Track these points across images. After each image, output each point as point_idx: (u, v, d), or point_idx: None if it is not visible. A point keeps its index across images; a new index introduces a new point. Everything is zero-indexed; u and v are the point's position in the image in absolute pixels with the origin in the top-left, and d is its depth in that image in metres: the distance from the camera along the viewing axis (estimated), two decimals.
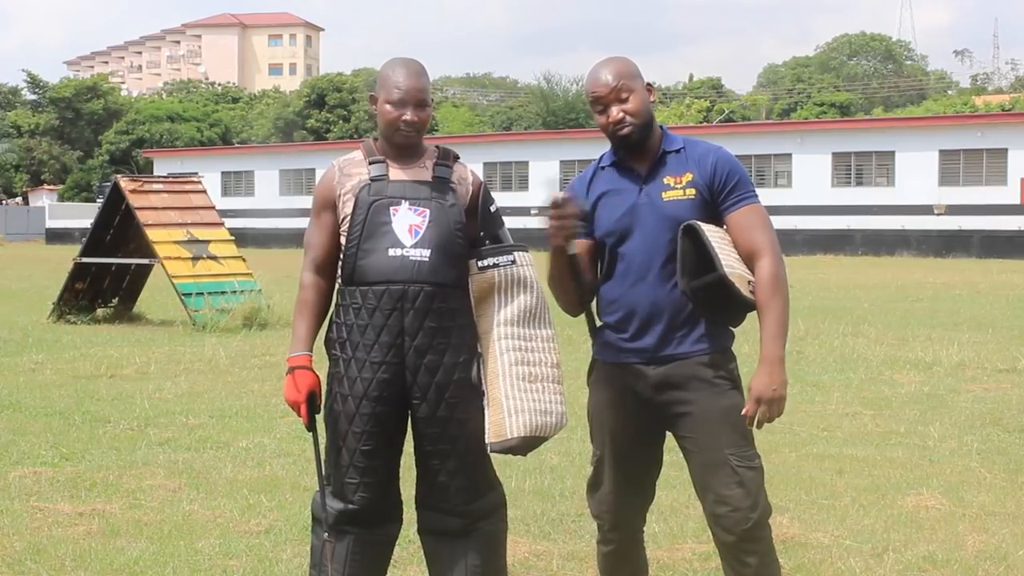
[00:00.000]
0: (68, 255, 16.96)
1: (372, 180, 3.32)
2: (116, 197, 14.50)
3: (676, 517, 5.05)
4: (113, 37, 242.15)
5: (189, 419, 7.55)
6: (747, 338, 3.58)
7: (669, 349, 3.23)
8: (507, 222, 3.48)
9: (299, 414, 3.35)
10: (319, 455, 3.41)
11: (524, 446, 3.25)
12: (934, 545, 4.70)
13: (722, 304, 3.18)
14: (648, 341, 3.24)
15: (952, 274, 24.73)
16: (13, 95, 75.60)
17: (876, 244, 36.06)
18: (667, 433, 3.38)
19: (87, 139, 67.51)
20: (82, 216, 46.52)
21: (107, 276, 15.20)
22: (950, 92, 74.15)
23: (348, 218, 3.31)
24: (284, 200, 47.33)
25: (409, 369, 3.27)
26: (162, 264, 13.78)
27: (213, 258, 14.30)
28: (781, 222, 35.21)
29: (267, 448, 6.62)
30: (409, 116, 3.28)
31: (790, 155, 39.16)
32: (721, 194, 3.24)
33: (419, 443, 3.36)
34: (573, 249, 3.23)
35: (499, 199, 3.75)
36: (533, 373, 3.27)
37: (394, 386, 3.27)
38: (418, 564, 4.20)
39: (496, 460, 3.42)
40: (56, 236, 50.66)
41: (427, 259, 3.25)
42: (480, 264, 3.31)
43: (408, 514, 3.49)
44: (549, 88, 67.07)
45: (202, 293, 13.70)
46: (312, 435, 3.40)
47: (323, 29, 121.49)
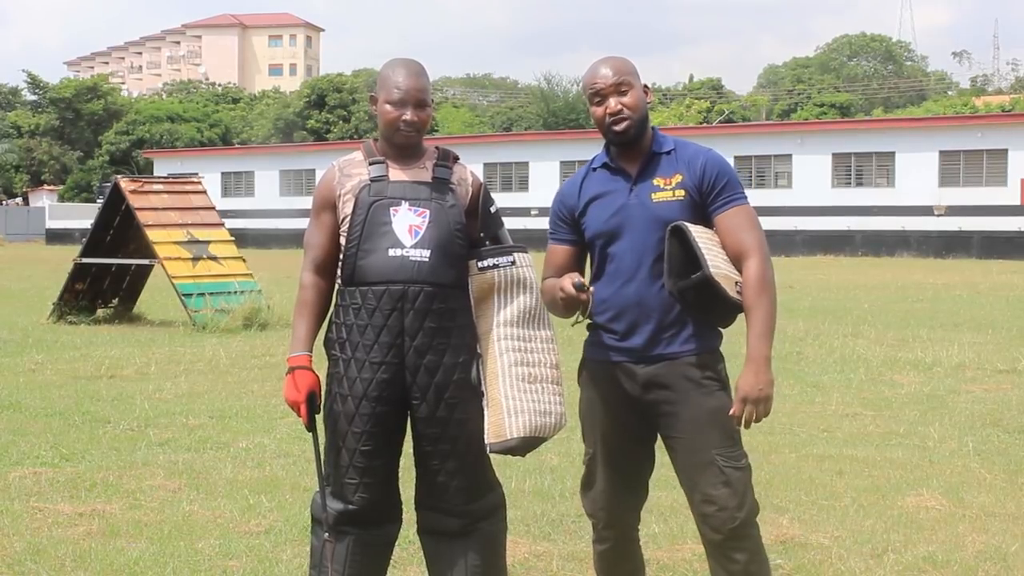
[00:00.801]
0: (68, 255, 16.96)
1: (372, 180, 3.33)
2: (116, 198, 14.51)
3: (676, 517, 5.05)
4: (113, 37, 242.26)
5: (189, 419, 7.55)
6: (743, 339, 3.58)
7: (658, 349, 3.25)
8: (507, 223, 3.49)
9: (299, 414, 3.35)
10: (319, 456, 3.41)
11: (523, 446, 3.26)
12: (934, 546, 4.70)
13: (708, 304, 3.20)
14: (637, 341, 3.26)
15: (952, 275, 24.73)
16: (13, 95, 75.67)
17: (876, 245, 36.07)
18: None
19: (87, 139, 67.53)
20: (82, 216, 46.56)
21: (107, 277, 15.20)
22: (950, 93, 74.16)
23: (348, 218, 3.31)
24: (284, 200, 47.38)
25: (409, 369, 3.27)
26: (162, 264, 13.78)
27: (213, 258, 14.31)
28: (781, 223, 35.39)
29: (267, 448, 6.62)
30: (409, 116, 3.29)
31: (790, 156, 39.18)
32: (710, 195, 3.26)
33: (419, 443, 3.36)
34: (574, 321, 3.33)
35: (499, 200, 3.76)
36: (532, 374, 3.28)
37: (394, 386, 3.27)
38: (418, 564, 4.20)
39: (496, 460, 3.42)
40: (56, 236, 50.68)
41: (427, 259, 3.25)
42: (480, 265, 3.32)
43: (408, 514, 3.49)
44: (549, 88, 67.02)
45: (202, 293, 13.71)
46: (312, 435, 3.40)
47: (323, 30, 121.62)
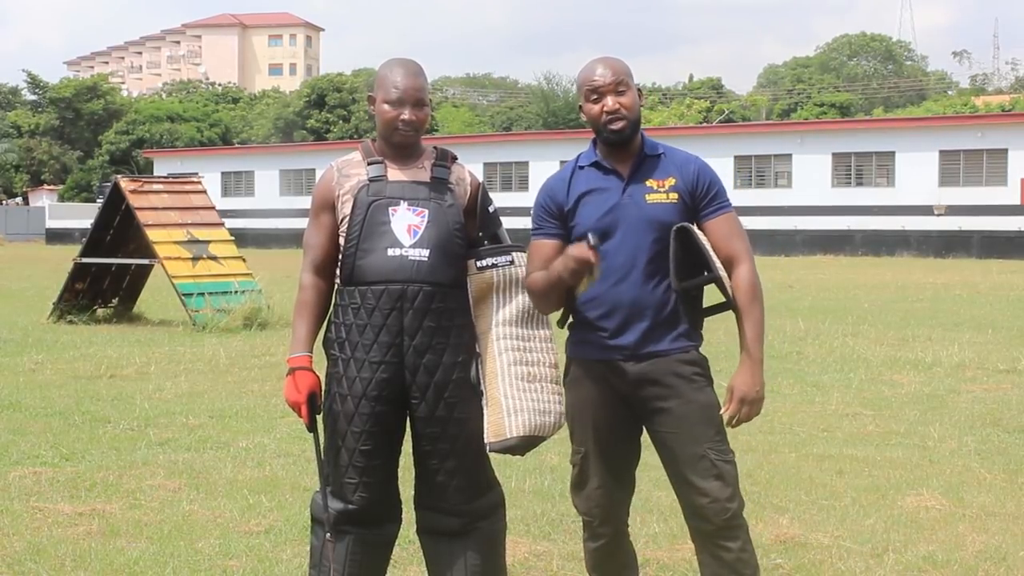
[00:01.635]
0: (68, 255, 16.96)
1: (371, 180, 3.33)
2: (116, 197, 14.51)
3: (676, 517, 5.03)
4: (113, 37, 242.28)
5: (189, 419, 7.55)
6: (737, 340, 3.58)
7: (650, 346, 3.29)
8: (507, 223, 3.49)
9: (300, 415, 3.35)
10: (320, 456, 3.42)
11: (523, 446, 3.28)
12: (934, 545, 4.70)
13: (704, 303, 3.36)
14: (630, 338, 3.28)
15: (952, 274, 24.72)
16: (13, 95, 75.65)
17: (876, 244, 36.05)
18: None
19: (87, 139, 67.52)
20: (82, 216, 46.53)
21: (107, 276, 15.20)
22: (950, 93, 74.15)
23: (347, 218, 3.32)
24: (284, 200, 47.36)
25: (408, 369, 3.27)
26: (162, 264, 13.78)
27: (213, 258, 14.31)
28: (781, 222, 35.44)
29: (267, 448, 6.62)
30: (407, 115, 3.29)
31: (790, 155, 39.15)
32: (702, 201, 3.34)
33: (418, 443, 3.36)
34: (583, 288, 3.21)
35: (499, 199, 3.76)
36: (531, 373, 3.29)
37: (393, 386, 3.28)
38: (418, 564, 4.19)
39: (495, 460, 3.43)
40: (56, 236, 50.65)
41: (426, 259, 3.26)
42: (479, 264, 3.32)
43: (408, 514, 3.49)
44: (549, 88, 67.02)
45: (202, 293, 13.70)
46: (313, 436, 3.40)
47: (323, 29, 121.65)
